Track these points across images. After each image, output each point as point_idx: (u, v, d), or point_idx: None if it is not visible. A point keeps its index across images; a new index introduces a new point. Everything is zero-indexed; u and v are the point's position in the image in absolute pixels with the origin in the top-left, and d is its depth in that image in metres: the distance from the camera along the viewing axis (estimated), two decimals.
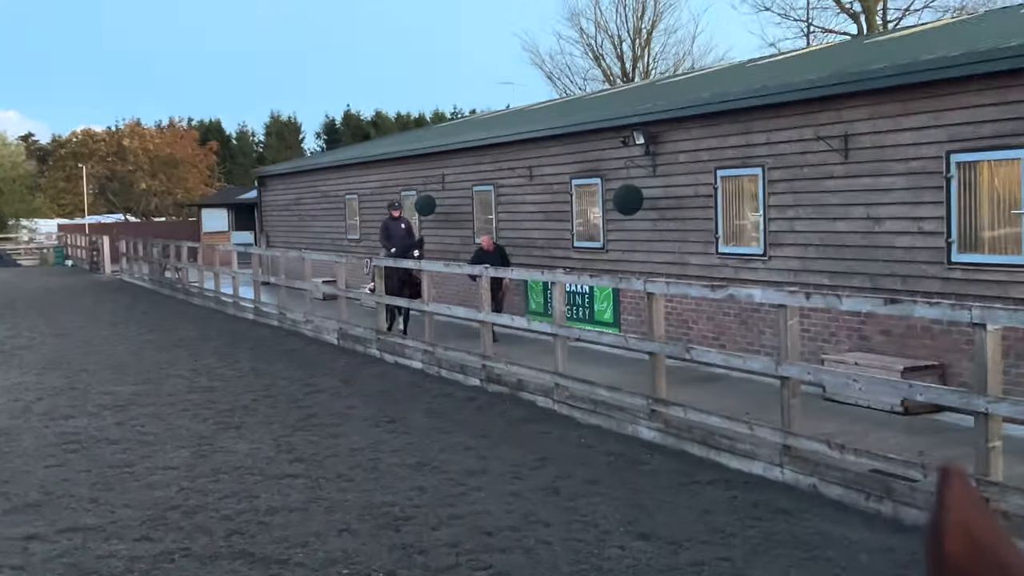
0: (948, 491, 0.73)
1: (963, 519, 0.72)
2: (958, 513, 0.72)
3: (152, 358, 18.34)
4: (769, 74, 17.24)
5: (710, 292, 11.04)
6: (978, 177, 11.50)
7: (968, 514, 0.72)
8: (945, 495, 0.73)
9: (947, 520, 0.71)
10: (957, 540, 0.71)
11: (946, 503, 0.72)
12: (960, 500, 0.73)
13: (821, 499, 8.84)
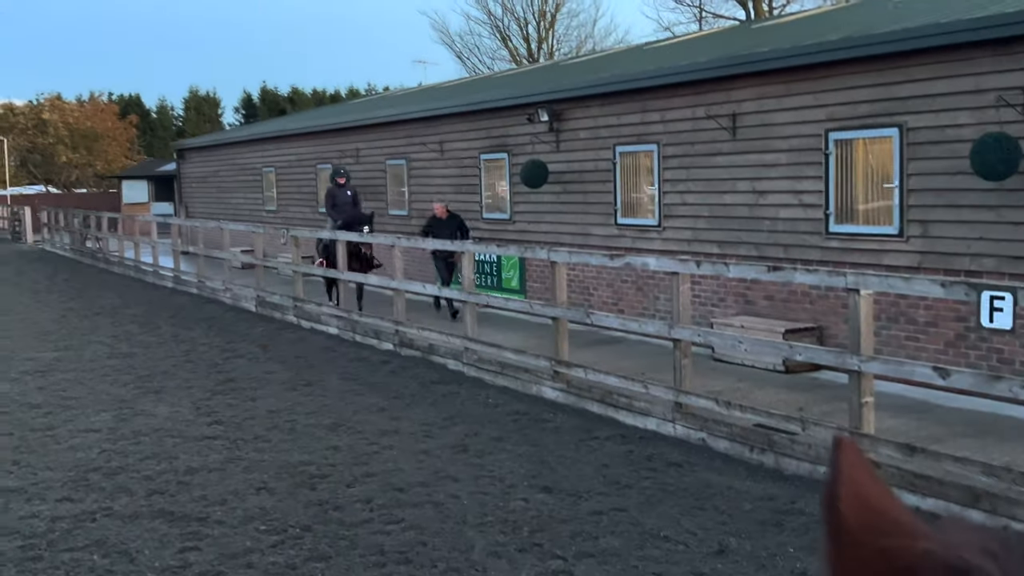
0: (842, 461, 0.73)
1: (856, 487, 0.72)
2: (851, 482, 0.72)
3: (74, 325, 17.85)
4: (664, 56, 17.37)
5: (609, 261, 11.13)
6: (854, 154, 11.76)
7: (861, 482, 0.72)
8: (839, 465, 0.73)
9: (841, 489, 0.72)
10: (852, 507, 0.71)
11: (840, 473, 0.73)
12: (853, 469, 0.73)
13: (710, 452, 9.02)
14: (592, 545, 6.75)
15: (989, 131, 9.75)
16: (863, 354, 7.89)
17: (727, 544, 6.71)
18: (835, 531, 0.72)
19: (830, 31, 13.03)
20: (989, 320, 7.06)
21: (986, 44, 10.05)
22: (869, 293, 7.90)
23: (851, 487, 0.72)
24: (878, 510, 0.71)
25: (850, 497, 0.72)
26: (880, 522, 0.70)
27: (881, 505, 0.72)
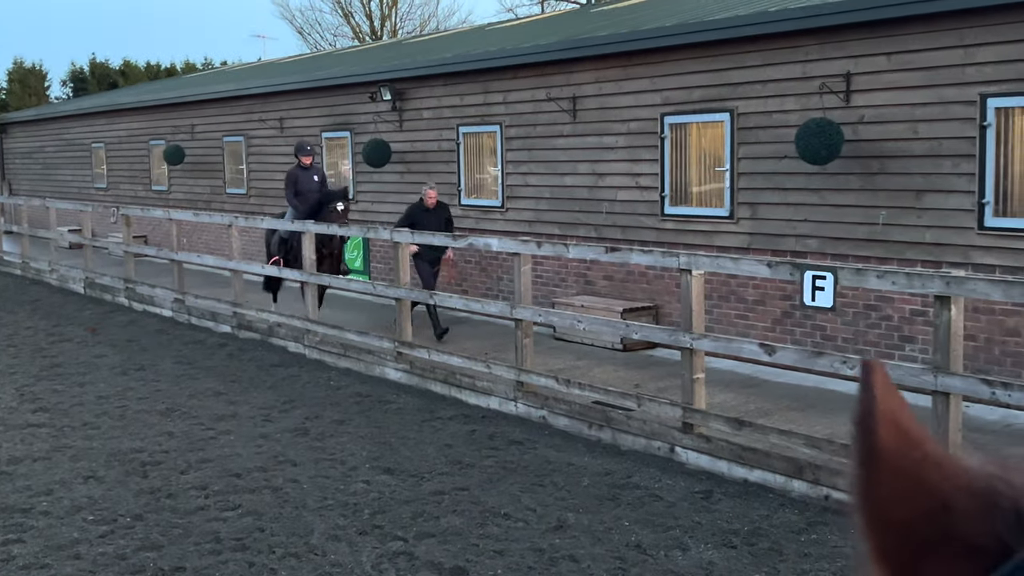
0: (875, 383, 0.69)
1: (892, 412, 0.69)
2: (887, 405, 0.69)
3: None
4: (507, 38, 17.45)
5: (452, 241, 11.14)
6: (688, 138, 12.11)
7: (895, 407, 0.69)
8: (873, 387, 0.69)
9: (878, 411, 0.68)
10: (890, 432, 0.68)
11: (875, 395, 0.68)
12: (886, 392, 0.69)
13: (550, 429, 9.17)
14: (433, 525, 6.78)
15: (813, 117, 10.20)
16: (695, 332, 8.15)
17: (565, 519, 6.85)
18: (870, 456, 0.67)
19: (667, 17, 13.35)
20: (812, 299, 7.40)
21: (812, 32, 10.49)
22: (700, 273, 8.16)
23: (887, 410, 0.69)
24: (915, 438, 0.68)
25: (887, 421, 0.68)
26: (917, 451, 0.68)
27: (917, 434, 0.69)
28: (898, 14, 9.63)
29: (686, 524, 6.75)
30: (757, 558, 6.18)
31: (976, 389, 6.56)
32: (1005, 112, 9.18)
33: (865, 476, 0.68)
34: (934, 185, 9.70)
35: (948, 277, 6.62)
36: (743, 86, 11.31)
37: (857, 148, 10.21)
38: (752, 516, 6.90)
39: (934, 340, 6.83)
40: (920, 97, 9.73)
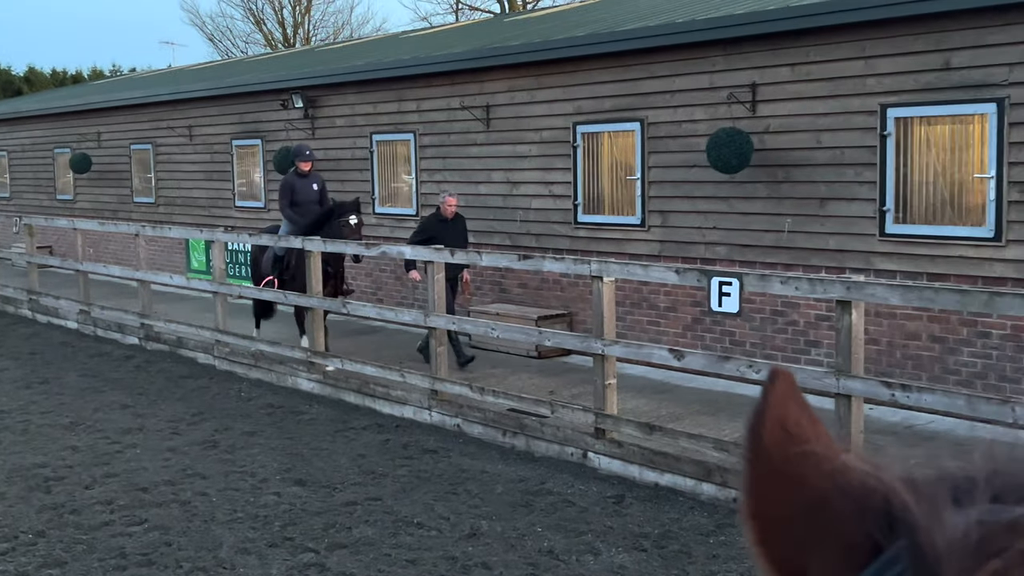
0: (772, 390, 0.73)
1: (782, 415, 0.72)
2: (777, 409, 0.72)
3: None
4: (421, 46, 17.45)
5: (365, 249, 11.09)
6: (600, 146, 12.25)
7: (788, 411, 0.73)
8: (769, 394, 0.73)
9: (766, 415, 0.72)
10: (774, 433, 0.71)
11: (768, 401, 0.73)
12: (782, 398, 0.73)
13: (465, 437, 9.18)
14: (345, 536, 6.74)
15: (723, 126, 10.40)
16: (606, 338, 8.25)
17: (479, 527, 6.87)
18: (754, 456, 0.72)
19: (578, 27, 13.50)
20: (718, 304, 7.55)
21: (718, 43, 10.71)
22: (611, 280, 8.26)
23: (776, 414, 0.72)
24: (800, 437, 0.72)
25: (774, 423, 0.72)
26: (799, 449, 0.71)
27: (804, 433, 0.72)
28: (800, 26, 9.88)
29: (598, 529, 6.82)
30: (667, 561, 6.27)
31: (876, 391, 6.76)
32: (904, 122, 9.48)
33: (748, 475, 0.71)
34: (837, 193, 9.97)
35: (849, 282, 6.81)
36: (653, 96, 11.48)
37: (764, 157, 10.44)
38: (662, 519, 7.00)
39: (836, 344, 7.02)
40: (823, 107, 9.99)
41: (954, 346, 9.27)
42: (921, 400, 6.64)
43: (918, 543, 0.61)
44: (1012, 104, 8.74)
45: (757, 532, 0.71)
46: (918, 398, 6.59)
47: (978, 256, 9.04)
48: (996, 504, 0.62)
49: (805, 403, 0.74)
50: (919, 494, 0.64)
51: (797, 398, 0.74)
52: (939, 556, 0.59)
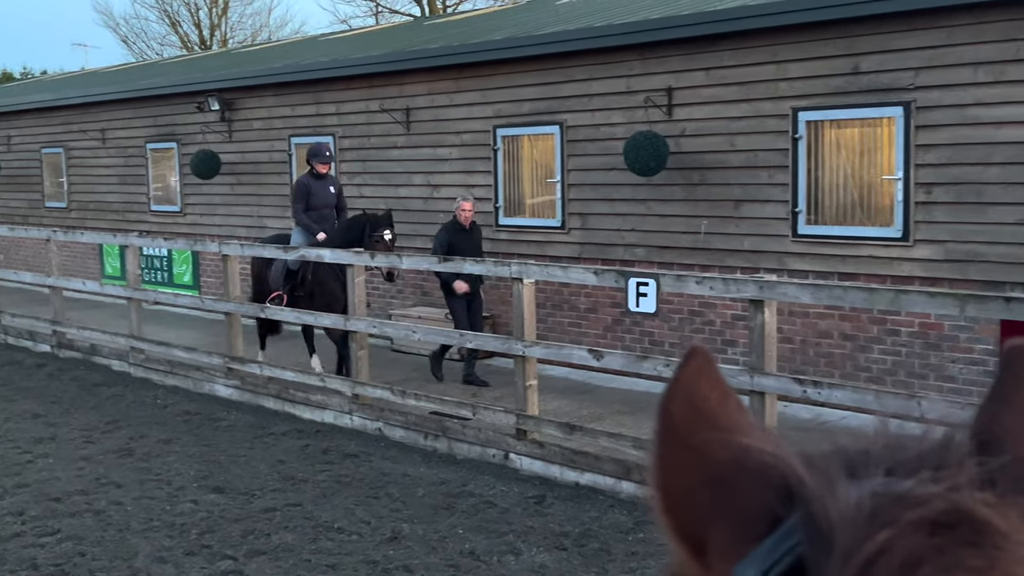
0: (685, 367, 0.74)
1: (693, 391, 0.73)
2: (688, 385, 0.73)
3: None
4: (340, 48, 17.35)
5: (283, 253, 10.99)
6: (520, 150, 12.32)
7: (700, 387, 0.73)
8: (681, 371, 0.74)
9: (677, 391, 0.73)
10: (682, 408, 0.72)
11: (679, 377, 0.74)
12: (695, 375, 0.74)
13: (386, 441, 9.16)
14: (264, 542, 6.68)
15: (640, 130, 10.54)
16: (527, 340, 8.30)
17: (400, 530, 6.86)
18: (662, 430, 0.72)
19: (497, 30, 13.56)
20: (636, 305, 7.65)
21: (635, 48, 10.85)
22: (531, 282, 8.32)
23: (687, 390, 0.73)
24: (708, 413, 0.72)
25: (684, 399, 0.72)
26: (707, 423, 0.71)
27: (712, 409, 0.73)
28: (713, 31, 10.07)
29: (519, 529, 6.86)
30: (587, 559, 6.34)
31: (789, 388, 6.92)
32: (815, 125, 9.72)
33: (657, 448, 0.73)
34: (751, 195, 10.17)
35: (761, 282, 6.96)
36: (571, 99, 11.59)
37: (680, 160, 10.61)
38: (583, 518, 7.07)
39: (750, 342, 7.16)
40: (737, 111, 10.19)
41: (865, 344, 9.52)
42: (832, 396, 6.81)
43: (813, 514, 0.63)
44: (918, 107, 9.01)
45: (663, 503, 0.72)
46: (829, 394, 6.76)
47: (887, 256, 9.30)
48: (889, 478, 0.64)
49: (719, 380, 0.75)
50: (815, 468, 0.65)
51: (711, 375, 0.75)
52: (833, 526, 0.61)
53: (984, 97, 8.64)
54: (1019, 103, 8.44)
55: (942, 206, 8.99)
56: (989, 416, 0.71)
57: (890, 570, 0.58)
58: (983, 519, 0.60)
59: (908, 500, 0.62)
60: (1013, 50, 8.43)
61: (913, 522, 0.60)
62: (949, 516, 0.60)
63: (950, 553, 0.59)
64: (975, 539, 0.60)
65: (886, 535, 0.60)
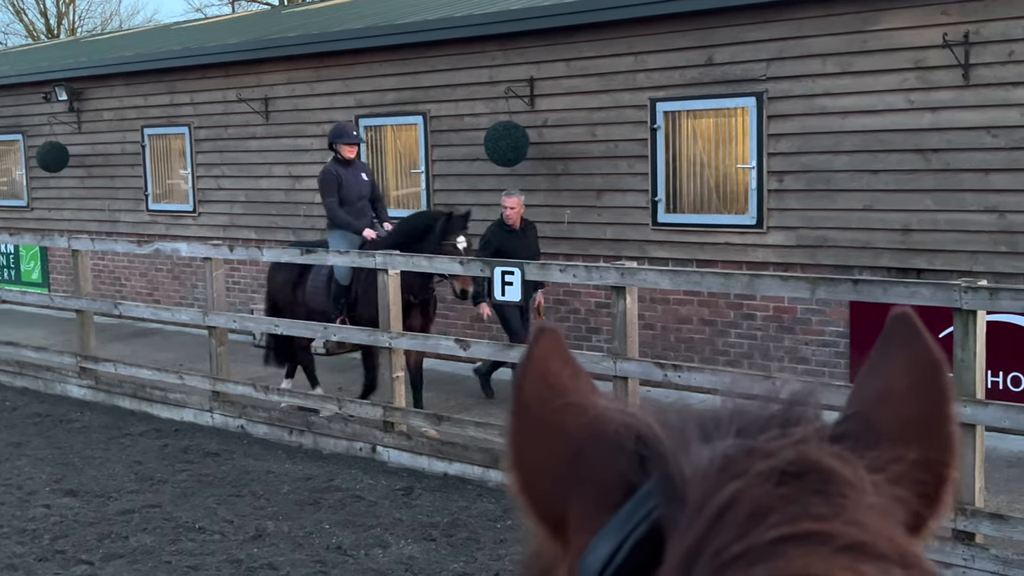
0: (536, 346, 0.74)
1: (545, 368, 0.73)
2: (540, 363, 0.73)
3: None
4: (194, 37, 16.86)
5: (137, 247, 10.64)
6: (384, 140, 12.22)
7: (552, 365, 0.74)
8: (533, 350, 0.74)
9: (529, 370, 0.73)
10: (535, 385, 0.72)
11: (532, 356, 0.74)
12: (546, 353, 0.74)
13: (249, 438, 8.98)
14: (122, 545, 6.47)
15: (501, 120, 10.58)
16: (392, 331, 8.25)
17: (264, 528, 6.74)
18: (517, 408, 0.73)
19: (358, 19, 13.40)
20: (502, 294, 7.69)
21: (496, 38, 10.88)
22: (396, 272, 8.26)
23: (539, 368, 0.73)
24: (561, 389, 0.73)
25: (536, 377, 0.73)
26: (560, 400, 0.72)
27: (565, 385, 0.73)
28: (572, 22, 10.18)
29: (387, 522, 6.82)
30: (456, 548, 6.35)
31: (651, 372, 7.07)
32: (672, 115, 9.93)
33: (512, 426, 0.73)
34: (612, 185, 10.33)
35: (622, 269, 7.08)
36: (434, 89, 11.55)
37: (543, 150, 10.70)
38: (451, 508, 7.07)
39: (613, 328, 7.28)
40: (597, 101, 10.33)
41: (723, 328, 9.80)
42: (692, 379, 6.99)
43: (666, 474, 0.64)
44: (770, 98, 9.31)
45: (520, 481, 0.72)
46: (689, 377, 6.93)
47: (742, 242, 9.58)
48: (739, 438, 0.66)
49: (569, 357, 0.76)
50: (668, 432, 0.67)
51: (561, 353, 0.76)
52: (685, 482, 0.63)
53: (832, 88, 8.98)
54: (865, 93, 8.80)
55: (793, 194, 9.32)
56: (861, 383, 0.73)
57: (739, 519, 0.60)
58: (829, 468, 0.62)
59: (757, 453, 0.63)
60: (859, 41, 8.78)
61: (762, 473, 0.61)
62: (797, 466, 0.62)
63: (797, 501, 0.60)
64: (822, 488, 0.61)
65: (735, 486, 0.61)
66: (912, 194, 8.66)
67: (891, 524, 0.62)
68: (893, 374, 0.72)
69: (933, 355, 0.72)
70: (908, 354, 0.72)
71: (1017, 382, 8.10)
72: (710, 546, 0.59)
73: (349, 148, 9.46)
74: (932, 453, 0.69)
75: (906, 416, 0.70)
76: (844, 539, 0.59)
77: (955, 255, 8.47)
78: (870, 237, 8.90)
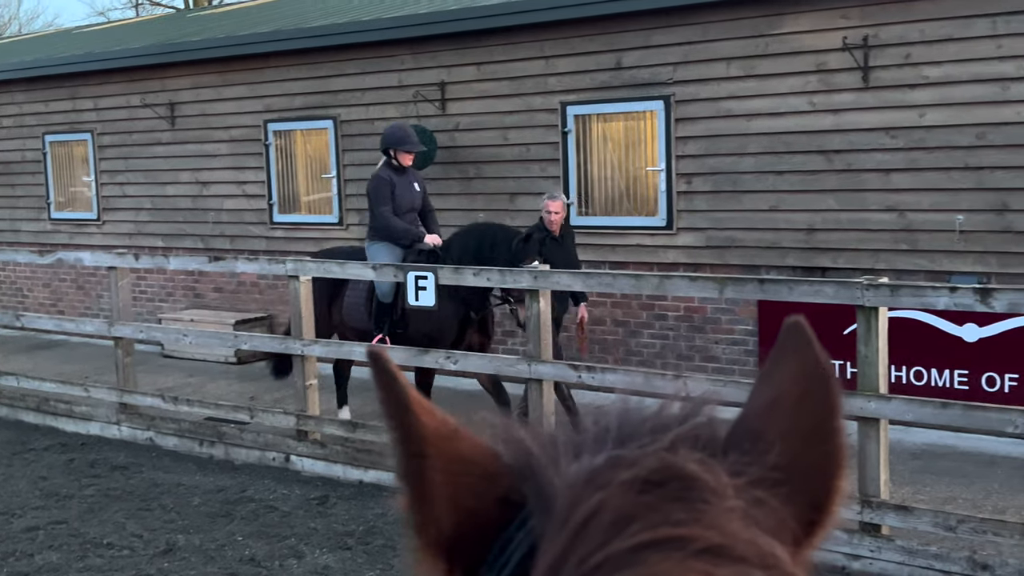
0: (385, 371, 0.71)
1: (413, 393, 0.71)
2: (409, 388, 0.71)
3: None
4: (96, 41, 16.45)
5: (38, 257, 10.34)
6: (293, 145, 12.07)
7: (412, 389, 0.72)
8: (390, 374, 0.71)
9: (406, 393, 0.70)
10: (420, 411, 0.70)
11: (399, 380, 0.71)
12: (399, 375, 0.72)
13: (159, 451, 8.78)
14: (27, 564, 6.27)
15: (413, 125, 10.52)
16: (305, 338, 8.14)
17: (175, 542, 6.59)
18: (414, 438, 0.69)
19: (265, 23, 13.22)
20: (415, 299, 7.64)
21: (405, 42, 10.83)
22: (308, 279, 8.16)
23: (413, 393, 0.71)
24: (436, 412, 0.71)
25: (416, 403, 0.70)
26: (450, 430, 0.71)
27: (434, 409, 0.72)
28: (483, 26, 10.19)
29: (301, 532, 6.72)
30: (372, 556, 6.29)
31: (565, 374, 7.10)
32: (583, 119, 10.00)
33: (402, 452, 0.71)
34: (525, 188, 10.35)
35: (536, 272, 7.10)
36: (344, 93, 11.45)
37: (455, 154, 10.68)
38: (367, 516, 7.00)
39: (527, 331, 7.29)
40: (508, 105, 10.34)
41: (635, 329, 9.89)
42: (606, 380, 7.03)
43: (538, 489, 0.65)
44: (678, 101, 9.43)
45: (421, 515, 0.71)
46: (603, 378, 6.97)
47: (653, 244, 9.69)
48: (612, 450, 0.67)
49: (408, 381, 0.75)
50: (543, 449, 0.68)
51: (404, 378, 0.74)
52: (555, 495, 0.64)
53: (737, 91, 9.14)
54: (769, 96, 8.97)
55: (702, 195, 9.45)
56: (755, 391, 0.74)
57: (602, 528, 0.61)
58: (691, 475, 0.63)
59: (622, 463, 0.64)
60: (763, 45, 8.95)
61: (625, 482, 0.63)
62: (660, 474, 0.63)
63: (658, 508, 0.62)
64: (683, 494, 0.62)
65: (599, 496, 0.62)
66: (816, 194, 8.85)
67: (752, 527, 0.63)
68: (784, 384, 0.73)
69: (822, 365, 0.72)
70: (799, 363, 0.73)
71: (920, 376, 8.34)
72: (573, 556, 0.60)
73: (408, 154, 8.70)
74: (820, 462, 0.70)
75: (795, 426, 0.71)
76: (702, 543, 0.60)
77: (858, 253, 8.68)
78: (776, 237, 9.07)
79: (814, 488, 0.69)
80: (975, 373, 8.10)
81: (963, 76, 8.13)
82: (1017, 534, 5.42)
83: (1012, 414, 5.58)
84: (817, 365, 0.72)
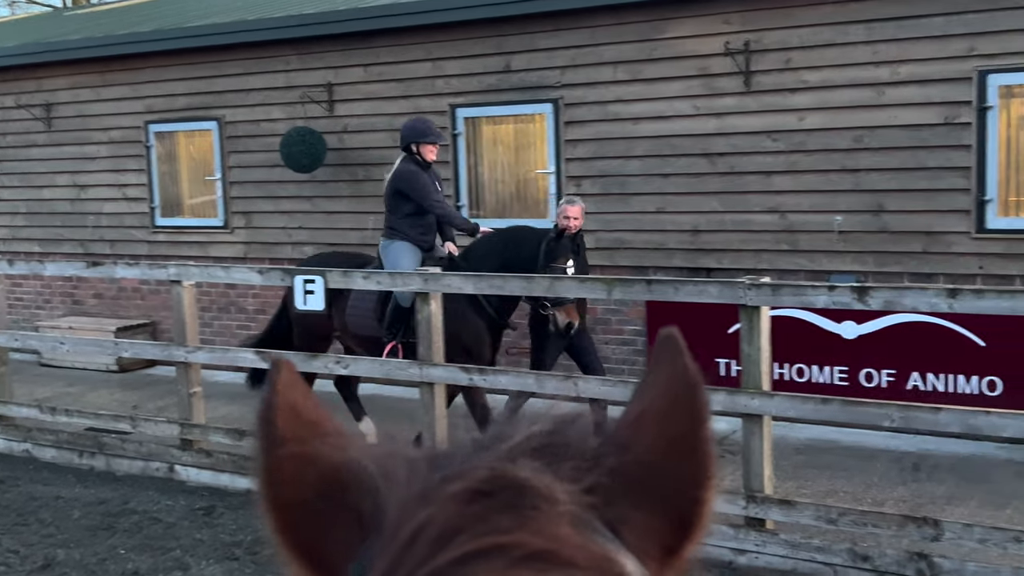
0: (279, 378, 0.74)
1: (292, 401, 0.73)
2: (287, 396, 0.73)
3: None
4: None
5: None
6: (176, 147, 11.77)
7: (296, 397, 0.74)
8: (276, 382, 0.74)
9: (277, 402, 0.73)
10: (287, 418, 0.72)
11: (277, 388, 0.73)
12: (288, 386, 0.74)
13: (36, 463, 8.46)
14: None
15: (297, 126, 10.37)
16: (189, 344, 7.93)
17: (54, 556, 6.35)
18: (269, 442, 0.71)
19: (145, 22, 12.86)
20: (303, 303, 7.52)
21: (292, 42, 10.65)
22: (191, 284, 7.96)
23: (287, 401, 0.73)
24: (311, 421, 0.73)
25: (286, 410, 0.72)
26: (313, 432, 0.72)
27: (314, 417, 0.73)
28: (370, 27, 10.09)
29: (187, 543, 6.54)
30: (260, 566, 6.15)
31: (456, 376, 7.06)
32: (473, 121, 9.99)
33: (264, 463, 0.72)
34: None
35: (426, 275, 7.05)
36: (229, 94, 11.21)
37: (343, 156, 10.55)
38: (255, 525, 6.84)
39: (418, 335, 7.23)
40: (397, 107, 10.26)
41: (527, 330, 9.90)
42: (497, 382, 7.03)
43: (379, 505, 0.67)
44: (566, 104, 9.49)
45: (277, 520, 0.71)
46: (494, 380, 6.97)
47: None
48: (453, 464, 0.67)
49: (308, 389, 0.77)
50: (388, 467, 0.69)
51: (301, 386, 0.76)
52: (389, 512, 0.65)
53: (624, 95, 9.24)
54: (655, 100, 9.10)
55: (591, 197, 9.51)
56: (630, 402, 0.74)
57: (428, 543, 0.61)
58: (522, 483, 0.64)
59: (453, 475, 0.65)
60: (648, 49, 9.07)
61: (453, 495, 0.63)
62: (490, 484, 0.64)
63: (486, 518, 0.62)
64: (514, 502, 0.63)
65: (427, 511, 0.63)
66: (700, 196, 9.01)
67: (585, 531, 0.63)
68: (655, 394, 0.73)
69: (690, 375, 0.73)
70: (669, 374, 0.74)
71: (802, 373, 8.55)
72: (400, 571, 0.61)
73: (430, 149, 8.16)
74: (686, 471, 0.70)
75: (661, 434, 0.71)
76: (527, 549, 0.60)
77: (741, 254, 8.87)
78: (663, 238, 9.20)
79: (679, 496, 0.69)
80: (854, 369, 8.35)
81: (841, 81, 8.38)
82: (895, 525, 5.59)
83: (889, 408, 5.76)
84: (686, 375, 0.73)
